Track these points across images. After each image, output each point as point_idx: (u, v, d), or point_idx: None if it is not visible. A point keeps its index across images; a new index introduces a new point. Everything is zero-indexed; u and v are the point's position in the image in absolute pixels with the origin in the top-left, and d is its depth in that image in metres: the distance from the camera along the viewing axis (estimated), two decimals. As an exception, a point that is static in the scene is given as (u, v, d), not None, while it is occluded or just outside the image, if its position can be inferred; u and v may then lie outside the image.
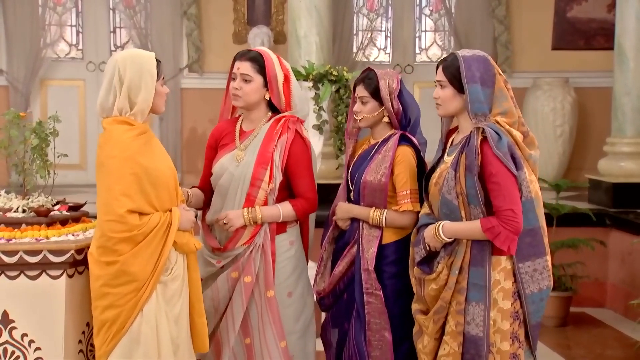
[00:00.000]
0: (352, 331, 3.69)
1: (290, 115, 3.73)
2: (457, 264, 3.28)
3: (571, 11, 9.18)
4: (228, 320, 3.66)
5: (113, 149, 3.19)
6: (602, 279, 6.73)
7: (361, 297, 3.65)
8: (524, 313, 3.32)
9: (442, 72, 3.36)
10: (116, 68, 3.25)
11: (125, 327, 3.20)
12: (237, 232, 3.64)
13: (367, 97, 3.69)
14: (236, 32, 9.04)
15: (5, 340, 3.38)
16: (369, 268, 3.62)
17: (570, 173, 8.77)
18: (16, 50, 8.59)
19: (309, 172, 3.74)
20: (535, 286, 3.31)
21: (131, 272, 3.17)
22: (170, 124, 8.88)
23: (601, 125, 8.59)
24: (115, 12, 9.09)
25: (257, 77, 3.66)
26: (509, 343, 3.29)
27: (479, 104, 3.27)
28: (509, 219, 3.18)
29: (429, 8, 9.51)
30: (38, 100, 8.76)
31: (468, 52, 3.35)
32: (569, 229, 6.44)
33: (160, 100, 3.35)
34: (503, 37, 9.04)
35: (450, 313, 3.33)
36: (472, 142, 3.22)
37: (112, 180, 3.17)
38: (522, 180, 3.25)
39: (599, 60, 8.96)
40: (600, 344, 5.87)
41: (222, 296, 3.67)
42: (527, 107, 8.68)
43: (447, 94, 3.35)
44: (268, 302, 3.65)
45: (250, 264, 3.63)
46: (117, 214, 3.14)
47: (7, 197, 3.66)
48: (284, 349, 3.66)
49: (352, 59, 9.06)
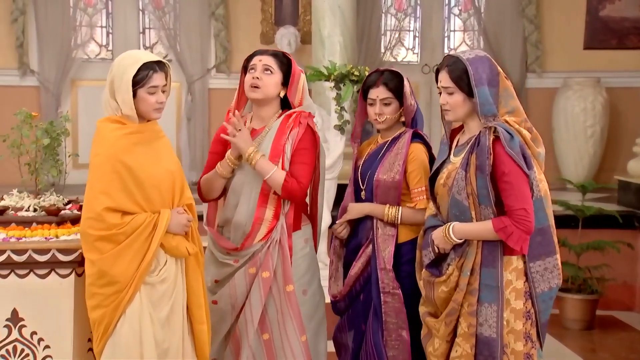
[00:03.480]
0: (370, 332, 3.67)
1: (301, 110, 3.71)
2: (468, 265, 3.25)
3: (604, 10, 9.05)
4: (247, 315, 3.64)
5: (98, 147, 3.20)
6: (631, 281, 6.62)
7: (378, 296, 3.62)
8: (535, 312, 3.29)
9: (448, 78, 3.28)
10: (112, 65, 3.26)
11: (110, 329, 3.19)
12: (253, 230, 3.63)
13: (390, 98, 3.66)
14: (263, 33, 9.05)
15: (15, 338, 3.43)
16: (386, 267, 3.60)
17: (601, 174, 8.63)
18: (47, 51, 8.67)
19: (310, 162, 3.68)
20: (546, 285, 3.29)
21: (112, 273, 3.14)
22: (198, 124, 8.91)
23: (633, 125, 8.46)
24: (145, 13, 9.14)
25: (278, 72, 3.65)
26: (523, 343, 3.25)
27: (489, 106, 3.22)
28: (522, 218, 3.14)
29: (458, 7, 9.43)
30: (69, 101, 8.81)
31: (470, 54, 3.28)
32: (596, 230, 6.36)
33: (145, 107, 3.25)
34: (533, 37, 8.93)
35: (462, 315, 3.29)
36: (484, 142, 3.18)
37: (93, 178, 3.16)
38: (532, 179, 3.21)
39: (632, 59, 8.83)
40: (626, 348, 5.76)
41: (239, 292, 3.64)
42: (557, 107, 8.58)
43: (456, 100, 3.28)
44: (288, 297, 3.64)
45: (268, 259, 3.61)
46: (95, 211, 3.12)
47: (19, 196, 3.70)
48: (304, 343, 3.65)
49: (379, 59, 9.02)
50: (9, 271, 3.41)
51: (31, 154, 3.63)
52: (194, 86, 8.87)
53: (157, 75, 3.24)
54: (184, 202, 3.37)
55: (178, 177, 3.34)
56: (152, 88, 3.23)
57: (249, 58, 3.72)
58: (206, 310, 3.47)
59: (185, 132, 8.90)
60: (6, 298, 3.43)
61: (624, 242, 6.19)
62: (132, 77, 3.18)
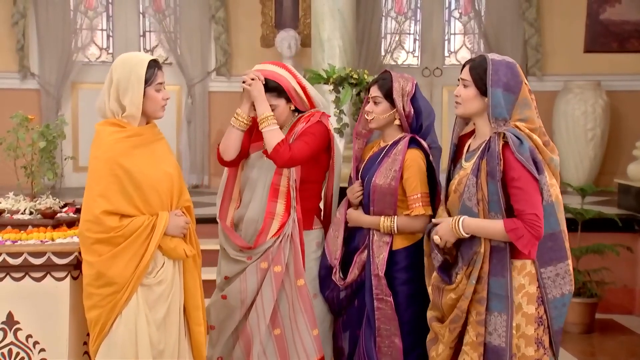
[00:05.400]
0: (363, 338, 3.67)
1: (315, 111, 3.77)
2: (475, 273, 3.23)
3: (604, 13, 9.03)
4: (258, 311, 3.65)
5: (97, 150, 3.22)
6: (631, 285, 6.60)
7: (371, 302, 3.62)
8: (547, 319, 3.26)
9: (468, 71, 3.32)
10: (110, 69, 3.27)
11: (106, 329, 3.22)
12: (265, 225, 3.66)
13: (379, 98, 3.67)
14: (264, 36, 9.06)
15: (10, 341, 3.43)
16: (379, 274, 3.60)
17: (601, 178, 8.61)
18: (48, 54, 8.68)
19: (310, 144, 3.65)
20: (558, 291, 3.27)
21: (108, 275, 3.17)
22: (198, 127, 8.92)
23: (634, 129, 8.46)
24: (145, 16, 9.16)
25: (279, 101, 3.70)
26: (534, 349, 3.23)
27: (500, 109, 3.22)
28: (533, 222, 3.13)
29: (458, 11, 9.43)
30: (69, 104, 8.82)
31: (498, 57, 3.31)
32: (595, 234, 6.33)
33: (153, 105, 3.31)
34: (533, 40, 8.92)
35: (470, 323, 3.27)
36: (494, 148, 3.18)
37: (92, 181, 3.19)
38: (543, 184, 3.20)
39: (632, 63, 8.81)
40: (625, 351, 5.76)
41: (250, 288, 3.66)
42: (557, 111, 8.55)
43: (469, 94, 3.31)
44: (299, 291, 3.65)
45: (280, 253, 3.63)
46: (94, 214, 3.15)
47: (15, 199, 3.70)
48: (316, 337, 3.66)
49: (379, 62, 9.02)
50: (4, 274, 3.41)
51: (27, 157, 3.63)
52: (194, 89, 8.87)
53: (160, 72, 3.32)
54: (182, 204, 3.39)
55: (176, 180, 3.35)
56: (158, 85, 3.29)
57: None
58: (203, 312, 3.48)
59: (185, 135, 8.90)
60: (1, 301, 3.43)
61: (623, 245, 6.19)
62: (144, 75, 3.22)
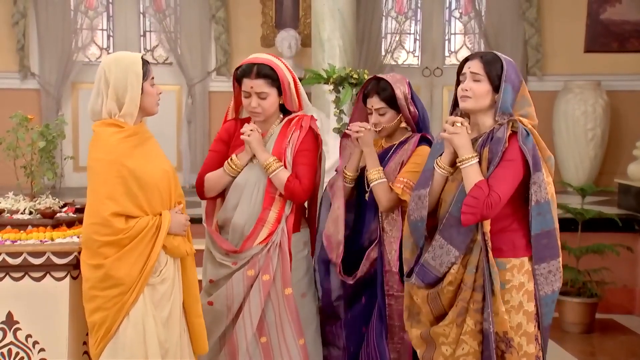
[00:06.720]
0: (373, 333, 3.67)
1: (303, 114, 3.73)
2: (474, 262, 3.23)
3: (604, 13, 9.03)
4: (245, 319, 3.64)
5: (99, 152, 3.20)
6: (631, 285, 6.60)
7: (383, 298, 3.64)
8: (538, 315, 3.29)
9: (481, 66, 3.26)
10: (102, 71, 3.26)
11: (112, 331, 3.20)
12: (255, 231, 3.64)
13: (384, 108, 3.68)
14: (264, 36, 9.06)
15: (10, 341, 3.42)
16: (392, 269, 3.60)
17: (601, 177, 8.62)
18: (48, 54, 8.68)
19: (311, 163, 3.70)
20: (549, 288, 3.29)
21: (117, 276, 3.16)
22: (198, 127, 8.90)
23: (634, 129, 8.46)
24: (145, 16, 9.16)
25: (272, 91, 3.66)
26: (534, 345, 3.26)
27: (507, 105, 3.24)
28: (494, 201, 3.11)
29: (458, 11, 9.44)
30: (69, 104, 8.82)
31: (503, 56, 3.32)
32: (595, 234, 6.33)
33: (150, 100, 3.32)
34: (534, 40, 8.92)
35: (468, 312, 3.27)
36: (500, 134, 3.19)
37: (97, 183, 3.17)
38: (540, 181, 3.19)
39: (633, 63, 8.82)
40: (625, 351, 5.75)
41: (236, 294, 3.65)
42: (557, 111, 8.56)
43: (482, 89, 3.26)
44: (286, 300, 3.64)
45: (269, 262, 3.62)
46: (102, 217, 3.14)
47: (14, 198, 3.70)
48: (302, 346, 3.66)
49: (380, 62, 9.03)
50: (4, 274, 3.40)
51: (27, 156, 3.63)
52: (195, 89, 8.86)
53: (151, 67, 3.33)
54: (177, 199, 3.39)
55: (172, 177, 3.37)
56: (152, 80, 3.31)
57: (239, 75, 3.70)
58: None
59: (185, 135, 8.87)
60: (1, 301, 3.41)
61: (623, 245, 6.18)
62: (141, 71, 3.23)
